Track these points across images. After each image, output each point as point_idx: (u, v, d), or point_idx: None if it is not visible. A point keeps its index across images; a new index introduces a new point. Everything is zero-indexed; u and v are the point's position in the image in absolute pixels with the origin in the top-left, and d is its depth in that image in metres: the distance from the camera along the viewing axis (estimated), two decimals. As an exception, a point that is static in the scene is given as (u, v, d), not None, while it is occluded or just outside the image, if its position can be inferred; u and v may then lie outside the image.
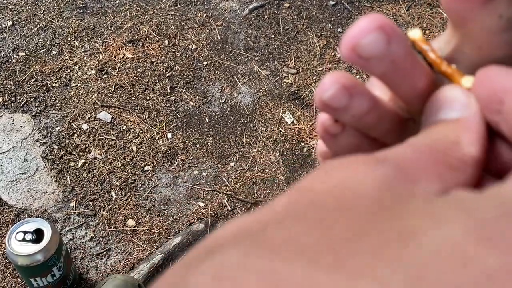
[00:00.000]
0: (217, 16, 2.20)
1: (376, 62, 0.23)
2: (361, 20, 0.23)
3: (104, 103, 1.90)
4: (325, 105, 0.25)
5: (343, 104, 0.25)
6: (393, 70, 0.24)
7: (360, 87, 0.26)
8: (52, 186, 1.71)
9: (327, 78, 0.25)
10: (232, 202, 1.71)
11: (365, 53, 0.22)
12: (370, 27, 0.22)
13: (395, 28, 0.23)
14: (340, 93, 0.24)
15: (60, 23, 2.12)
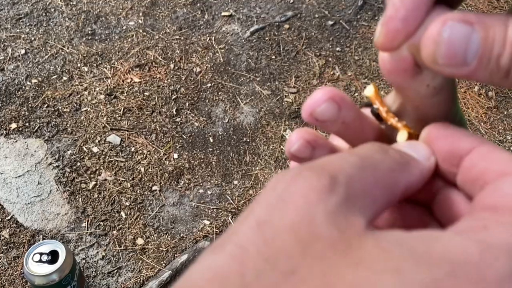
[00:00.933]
0: (220, 39, 2.29)
1: (330, 124, 0.29)
2: (316, 91, 0.30)
3: (113, 126, 1.99)
4: (293, 156, 0.31)
5: (307, 155, 0.31)
6: (345, 129, 0.31)
7: (321, 141, 0.32)
8: (65, 208, 1.80)
9: (294, 134, 0.32)
10: (236, 219, 1.78)
11: (320, 117, 0.29)
12: (323, 98, 0.29)
13: (344, 97, 0.30)
14: (304, 147, 0.30)
15: (70, 50, 2.23)
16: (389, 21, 0.26)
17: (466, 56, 0.24)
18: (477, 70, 0.24)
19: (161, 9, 2.40)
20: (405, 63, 0.27)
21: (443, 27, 0.24)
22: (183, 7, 2.41)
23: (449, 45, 0.24)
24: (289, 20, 2.36)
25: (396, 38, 0.26)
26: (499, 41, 0.24)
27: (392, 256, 0.19)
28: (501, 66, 0.24)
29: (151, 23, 2.34)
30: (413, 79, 0.28)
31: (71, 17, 2.34)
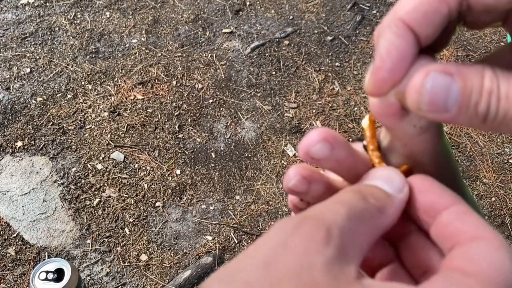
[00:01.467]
0: (221, 56, 2.33)
1: (324, 161, 0.33)
2: (311, 132, 0.34)
3: (117, 143, 2.02)
4: (291, 191, 0.34)
5: (304, 189, 0.34)
6: (339, 166, 0.34)
7: (316, 176, 0.35)
8: (70, 225, 1.83)
9: (291, 170, 0.35)
10: (238, 234, 1.80)
11: (315, 156, 0.32)
12: (317, 138, 0.32)
13: (337, 137, 0.33)
14: (300, 182, 0.34)
15: (74, 68, 2.27)
16: (377, 71, 0.29)
17: (447, 103, 0.26)
18: (458, 116, 0.26)
19: (163, 27, 2.44)
20: (392, 108, 0.30)
21: (425, 78, 0.26)
22: (185, 25, 2.45)
23: (431, 94, 0.26)
24: (289, 36, 2.39)
25: (383, 87, 0.29)
26: (476, 90, 0.26)
27: None
28: (479, 113, 0.26)
29: (153, 40, 2.38)
30: (401, 120, 0.31)
31: (75, 35, 2.39)
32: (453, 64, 0.27)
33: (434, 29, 0.28)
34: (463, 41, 2.38)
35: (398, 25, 0.28)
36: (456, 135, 2.09)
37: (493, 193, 1.95)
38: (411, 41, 0.28)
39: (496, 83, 0.26)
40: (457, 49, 2.34)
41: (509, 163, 2.01)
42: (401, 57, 0.28)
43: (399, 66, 0.28)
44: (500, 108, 0.26)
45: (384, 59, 0.28)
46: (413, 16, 0.27)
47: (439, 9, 0.27)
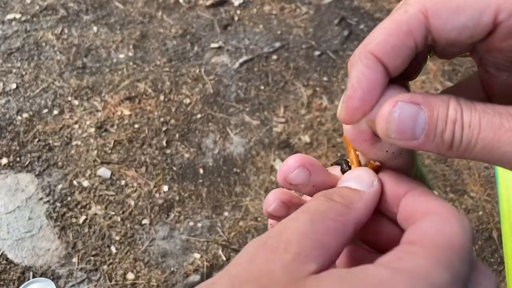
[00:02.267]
0: (210, 70, 2.33)
1: (302, 187, 0.34)
2: (289, 159, 0.35)
3: (103, 160, 2.00)
4: (270, 215, 0.36)
5: (283, 214, 0.36)
6: (316, 191, 0.34)
7: (295, 200, 0.36)
8: (55, 243, 1.80)
9: (270, 195, 0.37)
10: (227, 252, 1.79)
11: (293, 182, 0.34)
12: (295, 165, 0.34)
13: (314, 163, 0.34)
14: (280, 207, 0.35)
15: (61, 83, 2.25)
16: (348, 100, 0.30)
17: (414, 132, 0.28)
18: (425, 143, 0.28)
19: (151, 42, 2.44)
20: (364, 134, 0.31)
21: (393, 108, 0.28)
22: (173, 39, 2.45)
23: (399, 123, 0.28)
24: (277, 51, 2.40)
25: (355, 115, 0.30)
26: (442, 119, 0.28)
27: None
28: (445, 140, 0.28)
29: (141, 55, 2.38)
30: (373, 146, 0.32)
31: (62, 51, 2.37)
32: (420, 94, 0.29)
33: (402, 61, 0.29)
34: (449, 56, 2.40)
35: (368, 57, 0.29)
36: (443, 149, 2.10)
37: (480, 207, 1.95)
38: (380, 72, 0.29)
39: (460, 112, 0.28)
40: (444, 64, 2.36)
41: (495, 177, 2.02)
42: (371, 87, 0.29)
43: (369, 95, 0.29)
44: (464, 136, 0.27)
45: (355, 89, 0.29)
46: (382, 49, 0.29)
47: (406, 43, 0.29)
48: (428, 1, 0.28)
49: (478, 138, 0.27)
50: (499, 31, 0.28)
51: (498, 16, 0.27)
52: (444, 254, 0.26)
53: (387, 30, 0.29)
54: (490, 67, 0.33)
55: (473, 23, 0.28)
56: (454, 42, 0.29)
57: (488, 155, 0.28)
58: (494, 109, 0.28)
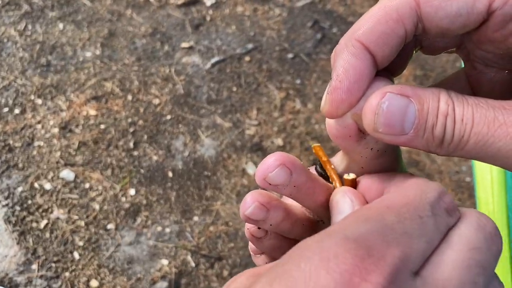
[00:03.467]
0: (180, 70, 2.27)
1: (282, 187, 0.31)
2: (268, 157, 0.32)
3: (67, 162, 1.91)
4: (248, 218, 0.33)
5: (262, 217, 0.33)
6: (297, 192, 0.32)
7: (274, 202, 0.33)
8: (13, 249, 1.70)
9: (248, 196, 0.33)
10: (196, 258, 1.72)
11: (273, 182, 0.31)
12: (275, 164, 0.31)
13: (295, 162, 0.31)
14: (258, 209, 0.32)
15: (23, 81, 2.15)
16: (334, 91, 0.28)
17: (403, 126, 0.26)
18: (414, 138, 0.27)
19: (119, 40, 2.36)
20: (349, 130, 0.29)
21: (382, 99, 0.26)
22: (142, 38, 2.38)
23: (387, 115, 0.26)
24: (250, 52, 2.36)
25: (340, 107, 0.28)
26: (433, 113, 0.26)
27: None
28: (435, 136, 0.26)
29: (109, 54, 2.30)
30: (358, 143, 0.30)
31: (25, 47, 2.27)
32: (410, 86, 0.27)
33: (391, 50, 0.28)
34: (421, 61, 2.41)
35: (355, 45, 0.28)
36: (415, 153, 2.10)
37: (452, 211, 1.95)
38: (368, 62, 0.28)
39: (452, 105, 0.26)
40: (415, 69, 2.36)
41: (465, 181, 2.03)
42: (359, 77, 0.28)
43: (356, 86, 0.28)
44: (456, 130, 0.26)
45: (341, 79, 0.28)
46: (370, 37, 0.27)
47: (395, 30, 0.27)
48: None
49: (471, 133, 0.26)
50: (492, 20, 0.27)
51: (492, 3, 0.26)
52: (374, 212, 0.25)
53: (375, 17, 0.27)
54: (477, 63, 0.31)
55: (466, 11, 0.26)
56: (446, 31, 0.28)
57: (481, 152, 0.26)
58: (488, 103, 0.26)
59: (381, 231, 0.23)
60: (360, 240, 0.22)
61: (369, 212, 0.25)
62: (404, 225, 0.23)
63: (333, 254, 0.22)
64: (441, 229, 0.25)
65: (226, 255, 1.74)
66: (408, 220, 0.24)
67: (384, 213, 0.24)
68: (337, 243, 0.22)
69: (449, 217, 0.25)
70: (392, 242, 0.22)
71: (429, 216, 0.24)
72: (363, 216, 0.24)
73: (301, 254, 0.22)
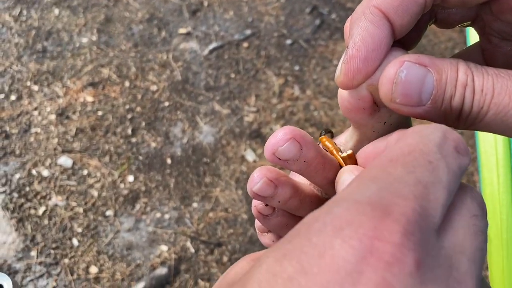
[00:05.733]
0: (178, 57, 2.25)
1: (292, 162, 0.30)
2: (278, 131, 0.31)
3: (64, 148, 1.90)
4: (255, 195, 0.32)
5: (270, 193, 0.32)
6: (306, 167, 0.31)
7: (283, 179, 0.32)
8: (12, 236, 1.69)
9: (256, 172, 0.32)
10: (195, 244, 1.72)
11: (282, 156, 0.30)
12: (285, 138, 0.30)
13: (305, 137, 0.31)
14: (266, 185, 0.31)
15: (19, 68, 2.12)
16: (350, 60, 0.27)
17: (421, 96, 0.25)
18: (432, 110, 0.26)
19: (116, 26, 2.33)
20: (363, 102, 0.28)
21: (400, 68, 0.25)
22: (139, 24, 2.35)
23: (405, 85, 0.25)
24: (248, 38, 2.34)
25: (356, 77, 0.27)
26: (451, 83, 0.25)
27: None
28: (453, 107, 0.25)
29: (105, 39, 2.27)
30: (371, 116, 0.29)
31: (21, 33, 2.24)
32: (428, 56, 0.26)
33: (410, 19, 0.27)
34: (419, 47, 2.40)
35: (374, 12, 0.27)
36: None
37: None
38: (386, 30, 0.27)
39: (471, 76, 0.25)
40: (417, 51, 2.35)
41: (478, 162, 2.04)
42: (377, 46, 0.27)
43: (374, 55, 0.27)
44: (475, 102, 0.25)
45: (358, 47, 0.27)
46: (390, 4, 0.26)
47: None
48: None
49: (491, 104, 0.25)
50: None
51: None
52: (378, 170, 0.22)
53: None
54: (493, 37, 0.30)
55: None
56: (466, 1, 0.27)
57: (502, 124, 0.25)
58: (508, 73, 0.25)
59: (393, 186, 0.21)
60: (373, 200, 0.20)
61: (372, 171, 0.22)
62: (415, 174, 0.21)
63: (346, 221, 0.19)
64: (455, 170, 0.23)
65: (225, 241, 1.73)
66: (418, 168, 0.22)
67: (389, 167, 0.22)
68: (348, 208, 0.20)
69: (460, 156, 0.23)
70: (408, 195, 0.20)
71: (439, 159, 0.22)
72: (368, 176, 0.22)
73: (310, 228, 0.20)
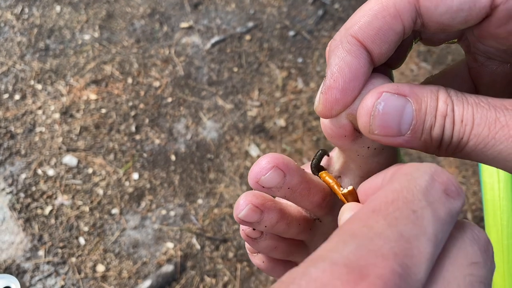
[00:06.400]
0: (180, 51, 2.24)
1: (276, 190, 0.31)
2: (261, 159, 0.31)
3: (69, 147, 1.91)
4: (241, 221, 0.32)
5: (256, 219, 0.32)
6: (291, 193, 0.32)
7: (269, 204, 0.33)
8: (20, 236, 1.71)
9: (241, 199, 0.33)
10: (201, 240, 1.73)
11: (266, 185, 0.30)
12: (268, 166, 0.30)
13: (289, 164, 0.31)
14: (252, 212, 0.32)
15: (22, 67, 2.13)
16: (328, 91, 0.27)
17: (400, 127, 0.25)
18: (412, 140, 0.26)
19: (117, 22, 2.32)
20: (344, 130, 0.29)
21: (378, 99, 0.25)
22: (141, 19, 2.34)
23: (383, 117, 0.25)
24: (250, 31, 2.32)
25: (335, 108, 0.27)
26: (431, 113, 0.25)
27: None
28: (433, 137, 0.25)
29: (107, 36, 2.26)
30: (354, 142, 0.29)
31: (23, 31, 2.24)
32: (407, 85, 0.26)
33: (388, 47, 0.27)
34: (424, 36, 2.37)
35: (351, 42, 0.26)
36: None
37: (457, 189, 1.95)
38: (364, 59, 0.27)
39: (451, 105, 0.25)
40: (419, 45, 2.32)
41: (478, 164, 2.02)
42: (354, 76, 0.26)
43: (352, 85, 0.27)
44: (454, 132, 0.25)
45: (335, 78, 0.27)
46: (366, 33, 0.26)
47: (393, 26, 0.26)
48: None
49: (470, 135, 0.25)
50: (496, 15, 0.25)
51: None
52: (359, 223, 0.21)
53: (372, 11, 0.26)
54: (479, 56, 0.30)
55: (468, 5, 0.25)
56: (446, 27, 0.26)
57: (481, 154, 0.25)
58: (489, 102, 0.25)
59: (373, 243, 0.20)
60: (350, 262, 0.19)
61: (353, 225, 0.21)
62: (397, 228, 0.20)
63: (321, 284, 0.19)
64: (443, 218, 0.21)
65: (231, 237, 1.74)
66: (401, 220, 0.21)
67: (370, 219, 0.21)
68: (324, 270, 0.19)
69: (450, 200, 0.22)
70: (388, 253, 0.19)
71: (423, 207, 0.21)
72: (348, 232, 0.21)
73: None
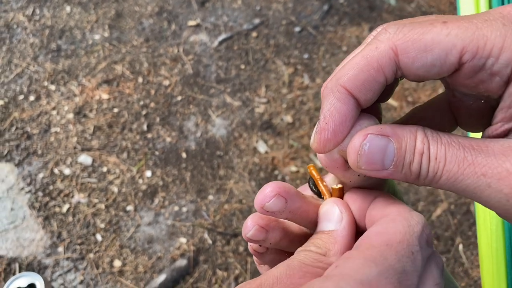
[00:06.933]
0: (188, 50, 2.28)
1: (278, 214, 0.36)
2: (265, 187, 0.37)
3: (83, 146, 1.98)
4: (249, 240, 0.38)
5: (262, 238, 0.38)
6: (292, 216, 0.37)
7: (273, 224, 0.39)
8: (40, 233, 1.79)
9: (249, 220, 0.38)
10: (212, 235, 1.80)
11: (270, 210, 0.36)
12: (271, 194, 0.36)
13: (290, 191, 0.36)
14: (258, 232, 0.38)
15: (36, 68, 2.19)
16: (321, 132, 0.33)
17: (384, 163, 0.30)
18: (394, 173, 0.30)
19: (126, 21, 2.37)
20: (336, 162, 0.34)
21: (363, 140, 0.30)
22: (149, 18, 2.39)
23: (368, 155, 0.30)
24: (257, 27, 2.36)
25: (327, 146, 0.33)
26: (410, 151, 0.30)
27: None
28: (412, 171, 0.30)
29: (117, 35, 2.31)
30: (345, 171, 0.35)
31: (35, 33, 2.30)
32: (389, 126, 0.31)
33: (373, 95, 0.31)
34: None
35: (340, 90, 0.31)
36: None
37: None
38: (351, 105, 0.31)
39: (427, 144, 0.30)
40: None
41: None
42: (343, 119, 0.31)
43: (341, 127, 0.32)
44: (430, 168, 0.29)
45: (327, 121, 0.32)
46: (353, 84, 0.31)
47: (376, 78, 0.31)
48: (397, 39, 0.30)
49: (443, 170, 0.29)
50: (463, 70, 0.30)
51: (463, 56, 0.29)
52: (377, 252, 0.27)
53: (358, 65, 0.31)
54: (456, 92, 0.35)
55: (440, 62, 0.30)
56: (423, 78, 0.31)
57: (453, 187, 0.30)
58: (459, 142, 0.30)
59: (387, 273, 0.26)
60: (372, 284, 0.26)
61: (374, 252, 0.28)
62: (402, 264, 0.27)
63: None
64: (425, 259, 0.29)
65: (241, 232, 1.81)
66: (405, 258, 0.27)
67: (386, 252, 0.28)
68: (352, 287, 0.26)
69: (428, 248, 0.29)
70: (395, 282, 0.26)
71: (418, 251, 0.28)
72: (371, 258, 0.27)
73: None
